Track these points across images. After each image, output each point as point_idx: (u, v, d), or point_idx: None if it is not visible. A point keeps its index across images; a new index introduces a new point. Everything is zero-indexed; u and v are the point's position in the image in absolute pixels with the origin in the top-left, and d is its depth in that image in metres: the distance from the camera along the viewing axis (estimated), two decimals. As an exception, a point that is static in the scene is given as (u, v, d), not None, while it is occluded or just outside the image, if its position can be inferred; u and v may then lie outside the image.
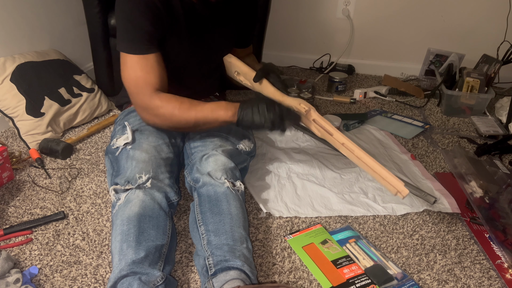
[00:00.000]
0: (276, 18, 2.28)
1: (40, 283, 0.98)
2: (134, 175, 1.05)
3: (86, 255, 1.06)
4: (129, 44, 1.09)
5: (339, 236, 1.12)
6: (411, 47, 2.25)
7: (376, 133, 1.66)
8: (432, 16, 2.15)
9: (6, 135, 1.59)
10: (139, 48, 1.08)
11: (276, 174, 1.37)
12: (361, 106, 1.95)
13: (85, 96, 1.66)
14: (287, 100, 1.12)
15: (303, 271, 1.03)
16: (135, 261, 0.88)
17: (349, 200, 1.27)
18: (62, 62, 1.68)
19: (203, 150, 1.16)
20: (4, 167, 1.28)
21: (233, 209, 1.02)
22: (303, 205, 1.24)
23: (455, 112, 1.87)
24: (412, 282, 1.00)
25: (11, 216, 1.19)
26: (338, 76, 2.06)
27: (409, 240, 1.13)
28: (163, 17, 1.09)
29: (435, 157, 1.54)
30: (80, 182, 1.33)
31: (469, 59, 2.04)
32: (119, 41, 1.11)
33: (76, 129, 1.65)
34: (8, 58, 1.52)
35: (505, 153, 1.55)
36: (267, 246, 1.10)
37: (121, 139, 1.15)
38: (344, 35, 2.30)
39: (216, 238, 0.96)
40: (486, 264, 1.07)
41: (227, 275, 0.88)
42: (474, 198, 1.24)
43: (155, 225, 0.97)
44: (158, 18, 1.08)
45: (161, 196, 1.03)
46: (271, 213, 1.20)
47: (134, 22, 1.07)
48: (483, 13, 2.08)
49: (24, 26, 1.63)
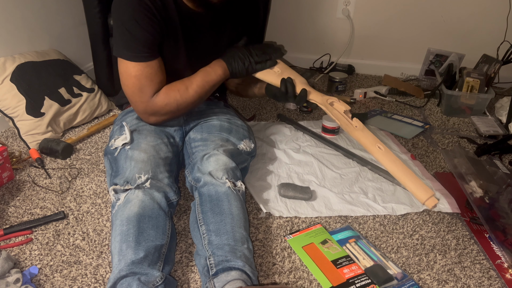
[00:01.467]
0: (276, 18, 2.28)
1: (40, 283, 0.98)
2: (133, 175, 1.05)
3: (86, 255, 1.06)
4: (131, 53, 1.09)
5: (339, 236, 1.12)
6: (411, 47, 2.25)
7: (376, 133, 1.66)
8: (432, 16, 2.15)
9: (6, 135, 1.59)
10: (142, 56, 1.09)
11: (276, 174, 1.37)
12: (361, 106, 1.95)
13: (85, 96, 1.66)
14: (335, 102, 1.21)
15: (303, 271, 1.03)
16: (135, 261, 0.88)
17: (349, 200, 1.27)
18: (62, 62, 1.68)
19: (204, 149, 1.17)
20: (4, 167, 1.28)
21: (234, 209, 1.02)
22: (303, 205, 1.24)
23: (455, 112, 1.87)
24: (412, 282, 1.00)
25: (11, 216, 1.19)
26: (338, 76, 2.06)
27: (409, 240, 1.13)
28: (160, 22, 1.09)
29: (435, 157, 1.54)
30: (80, 182, 1.33)
31: (469, 59, 2.05)
32: (118, 48, 1.10)
33: (76, 129, 1.65)
34: (8, 58, 1.52)
35: (505, 153, 1.55)
36: (267, 246, 1.10)
37: (120, 140, 1.16)
38: (344, 35, 2.31)
39: (217, 238, 0.96)
40: (486, 264, 1.07)
41: (228, 276, 0.88)
42: (474, 198, 1.24)
43: (155, 225, 0.97)
44: (155, 24, 1.08)
45: (160, 196, 1.03)
46: (271, 213, 1.20)
47: (133, 31, 1.07)
48: (483, 13, 2.08)
49: (24, 26, 1.63)
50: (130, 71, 1.11)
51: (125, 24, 1.07)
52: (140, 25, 1.06)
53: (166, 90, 1.14)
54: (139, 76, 1.10)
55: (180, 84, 1.16)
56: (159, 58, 1.13)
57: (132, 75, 1.11)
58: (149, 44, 1.09)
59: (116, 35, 1.11)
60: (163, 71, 1.15)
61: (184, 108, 1.18)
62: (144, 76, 1.10)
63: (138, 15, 1.05)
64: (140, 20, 1.06)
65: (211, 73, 1.18)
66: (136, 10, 1.05)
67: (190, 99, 1.17)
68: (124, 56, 1.10)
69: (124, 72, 1.12)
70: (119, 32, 1.10)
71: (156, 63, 1.12)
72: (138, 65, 1.09)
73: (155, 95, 1.14)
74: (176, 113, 1.19)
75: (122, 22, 1.08)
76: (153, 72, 1.11)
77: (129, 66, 1.10)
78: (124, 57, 1.10)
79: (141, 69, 1.10)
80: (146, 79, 1.11)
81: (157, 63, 1.12)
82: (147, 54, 1.09)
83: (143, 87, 1.11)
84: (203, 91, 1.19)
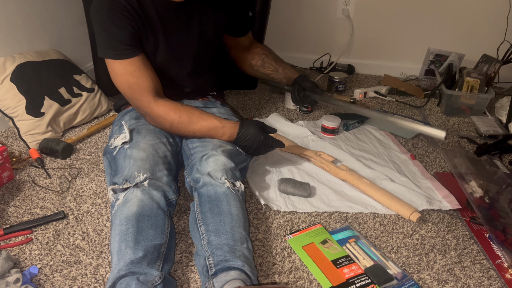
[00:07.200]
0: (276, 18, 2.28)
1: (40, 283, 0.98)
2: (132, 173, 1.05)
3: (86, 255, 1.06)
4: (112, 51, 1.12)
5: (339, 236, 1.12)
6: (411, 47, 2.25)
7: (376, 133, 1.66)
8: (432, 16, 2.15)
9: (6, 135, 1.59)
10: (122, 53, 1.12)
11: (277, 170, 1.38)
12: (361, 106, 1.95)
13: (85, 96, 1.66)
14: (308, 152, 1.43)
15: (303, 271, 1.03)
16: (134, 261, 0.89)
17: (348, 197, 1.27)
18: (62, 62, 1.68)
19: (202, 150, 1.17)
20: (4, 167, 1.28)
21: (233, 209, 1.02)
22: (302, 200, 1.25)
23: (455, 112, 1.87)
24: (412, 282, 1.00)
25: (11, 216, 1.19)
26: (338, 76, 2.06)
27: (409, 240, 1.13)
28: (135, 18, 1.12)
29: (435, 157, 1.54)
30: (80, 182, 1.33)
31: (469, 59, 2.04)
32: (100, 48, 1.14)
33: (76, 129, 1.65)
34: (8, 58, 1.52)
35: (505, 153, 1.55)
36: (267, 246, 1.10)
37: (119, 139, 1.16)
38: (344, 35, 2.30)
39: (217, 238, 0.96)
40: (486, 264, 1.07)
41: (227, 275, 0.88)
42: (474, 198, 1.24)
43: (154, 225, 0.97)
44: (131, 20, 1.11)
45: (159, 195, 1.03)
46: (269, 206, 1.21)
47: (109, 30, 1.10)
48: (483, 13, 2.08)
49: (24, 26, 1.62)
50: (115, 70, 1.14)
51: (101, 25, 1.11)
52: (115, 23, 1.09)
53: (168, 108, 1.17)
54: (124, 73, 1.14)
55: (186, 113, 1.17)
56: (142, 55, 1.16)
57: (118, 73, 1.14)
58: (127, 41, 1.11)
59: (96, 36, 1.15)
60: (150, 68, 1.17)
61: (174, 131, 1.21)
62: (129, 73, 1.13)
63: (112, 14, 1.09)
64: (115, 18, 1.09)
65: (218, 131, 1.19)
66: (111, 9, 1.09)
67: (183, 131, 1.20)
68: (105, 55, 1.14)
69: (112, 71, 1.16)
70: (97, 33, 1.13)
71: (139, 60, 1.14)
72: (121, 63, 1.13)
73: (155, 102, 1.16)
74: (166, 129, 1.21)
75: (99, 22, 1.12)
76: (136, 69, 1.14)
77: (113, 65, 1.14)
78: (106, 56, 1.14)
79: (124, 67, 1.13)
80: (131, 76, 1.14)
81: (139, 60, 1.14)
82: (127, 51, 1.12)
83: (131, 84, 1.15)
84: (200, 136, 1.21)
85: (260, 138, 1.20)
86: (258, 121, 1.25)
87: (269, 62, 1.47)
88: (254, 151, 1.22)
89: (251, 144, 1.20)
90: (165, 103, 1.16)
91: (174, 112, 1.16)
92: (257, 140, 1.19)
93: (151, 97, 1.15)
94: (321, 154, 1.43)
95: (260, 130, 1.21)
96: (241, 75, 1.63)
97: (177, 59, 1.26)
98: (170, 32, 1.20)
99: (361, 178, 1.31)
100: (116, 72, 1.15)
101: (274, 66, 1.47)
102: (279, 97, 1.98)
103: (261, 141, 1.20)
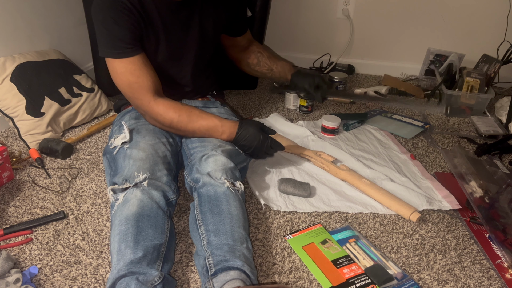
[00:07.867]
0: (276, 18, 2.28)
1: (40, 283, 0.98)
2: (132, 173, 1.05)
3: (86, 255, 1.06)
4: (112, 50, 1.12)
5: (339, 236, 1.12)
6: (411, 47, 2.25)
7: (376, 133, 1.66)
8: (432, 16, 2.15)
9: (6, 135, 1.59)
10: (123, 52, 1.12)
11: (277, 170, 1.38)
12: (361, 106, 1.95)
13: (85, 96, 1.66)
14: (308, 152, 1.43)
15: (303, 271, 1.03)
16: (133, 261, 0.88)
17: (348, 197, 1.27)
18: (62, 62, 1.68)
19: (202, 150, 1.17)
20: (4, 167, 1.28)
21: (233, 209, 1.02)
22: (302, 200, 1.25)
23: (455, 112, 1.87)
24: (412, 282, 1.00)
25: (11, 216, 1.19)
26: (338, 76, 2.06)
27: (409, 240, 1.13)
28: (136, 17, 1.12)
29: (435, 157, 1.53)
30: (80, 182, 1.33)
31: (469, 59, 2.04)
32: (101, 47, 1.14)
33: (76, 129, 1.65)
34: (8, 58, 1.52)
35: (505, 153, 1.55)
36: (267, 246, 1.10)
37: (119, 138, 1.16)
38: (344, 35, 2.30)
39: (216, 238, 0.96)
40: (486, 264, 1.07)
41: (227, 275, 0.88)
42: (474, 198, 1.24)
43: (153, 224, 0.97)
44: (132, 19, 1.11)
45: (159, 195, 1.03)
46: (269, 206, 1.22)
47: (111, 29, 1.11)
48: (483, 13, 2.08)
49: (24, 26, 1.63)
50: (116, 69, 1.15)
51: (103, 24, 1.11)
52: (116, 22, 1.10)
53: (168, 106, 1.17)
54: (124, 72, 1.14)
55: (186, 112, 1.17)
56: (143, 54, 1.16)
57: (118, 72, 1.15)
58: (128, 40, 1.12)
59: (97, 35, 1.15)
60: (150, 67, 1.17)
61: (174, 130, 1.22)
62: (129, 72, 1.14)
63: (114, 13, 1.09)
64: (116, 17, 1.10)
65: (218, 130, 1.19)
66: (112, 8, 1.09)
67: (183, 130, 1.20)
68: (106, 54, 1.14)
69: (112, 70, 1.16)
70: (98, 32, 1.14)
71: (139, 59, 1.14)
72: (122, 62, 1.13)
73: (155, 100, 1.16)
74: (165, 128, 1.22)
75: (100, 21, 1.12)
76: (137, 68, 1.14)
77: (114, 64, 1.14)
78: (107, 55, 1.14)
79: (124, 66, 1.13)
80: (131, 75, 1.14)
81: (140, 58, 1.15)
82: (128, 50, 1.12)
83: (131, 83, 1.15)
84: (200, 135, 1.21)
85: (259, 138, 1.20)
86: (257, 121, 1.25)
87: (264, 60, 1.48)
88: (253, 151, 1.22)
89: (250, 143, 1.20)
90: (164, 102, 1.17)
91: (173, 111, 1.16)
92: (256, 139, 1.19)
93: (151, 96, 1.15)
94: (321, 154, 1.43)
95: (259, 130, 1.21)
96: (241, 75, 1.63)
97: (177, 58, 1.26)
98: (170, 31, 1.21)
99: (361, 178, 1.31)
100: (116, 71, 1.15)
101: (269, 64, 1.48)
102: (279, 97, 1.98)
103: (260, 141, 1.20)
